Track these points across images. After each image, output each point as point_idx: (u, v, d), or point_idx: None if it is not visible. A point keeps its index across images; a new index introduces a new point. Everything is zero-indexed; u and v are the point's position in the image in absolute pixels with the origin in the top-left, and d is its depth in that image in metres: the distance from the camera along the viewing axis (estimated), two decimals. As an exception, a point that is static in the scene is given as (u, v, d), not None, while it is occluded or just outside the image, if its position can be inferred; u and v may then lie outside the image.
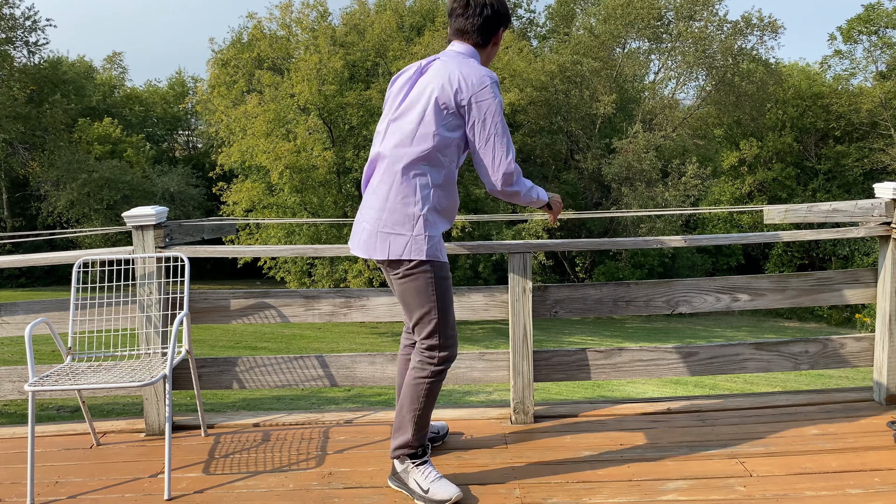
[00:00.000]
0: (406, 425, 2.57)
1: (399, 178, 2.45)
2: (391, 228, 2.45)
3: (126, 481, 2.74)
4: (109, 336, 3.25)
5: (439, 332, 2.52)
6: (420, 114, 2.43)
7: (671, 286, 3.32)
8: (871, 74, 28.33)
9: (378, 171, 2.53)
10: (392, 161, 2.47)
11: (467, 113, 2.42)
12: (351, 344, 16.22)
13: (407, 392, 2.57)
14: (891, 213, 3.24)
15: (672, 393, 10.04)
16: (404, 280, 2.50)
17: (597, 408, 3.40)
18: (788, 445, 2.91)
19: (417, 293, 2.50)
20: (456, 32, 2.55)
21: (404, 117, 2.48)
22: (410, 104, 2.48)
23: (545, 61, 24.76)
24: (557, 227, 22.41)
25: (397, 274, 2.51)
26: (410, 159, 2.43)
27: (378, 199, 2.49)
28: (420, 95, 2.46)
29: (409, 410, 2.56)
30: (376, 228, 2.47)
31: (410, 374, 2.58)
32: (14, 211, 28.03)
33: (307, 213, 21.33)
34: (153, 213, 3.15)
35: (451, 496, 2.49)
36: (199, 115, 29.82)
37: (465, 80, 2.40)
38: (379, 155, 2.53)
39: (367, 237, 2.50)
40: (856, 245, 25.43)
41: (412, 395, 2.55)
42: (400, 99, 2.53)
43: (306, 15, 22.73)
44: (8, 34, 25.08)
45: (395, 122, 2.50)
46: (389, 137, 2.50)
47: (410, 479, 2.56)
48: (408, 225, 2.44)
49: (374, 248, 2.48)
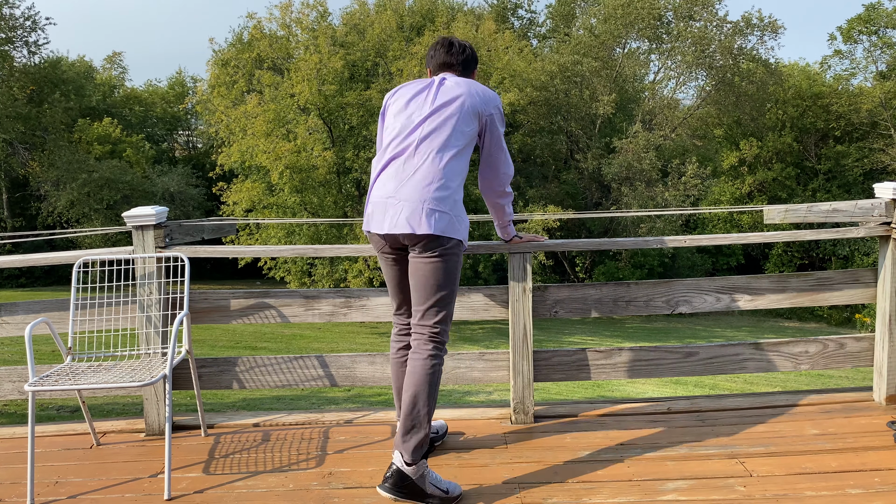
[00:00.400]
0: (422, 422, 2.50)
1: (441, 163, 2.61)
2: (436, 205, 2.56)
3: (126, 481, 2.74)
4: (109, 336, 3.25)
5: (449, 317, 2.65)
6: (455, 114, 2.66)
7: (671, 286, 3.32)
8: (871, 74, 28.34)
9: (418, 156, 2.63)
10: (434, 148, 2.62)
11: (489, 120, 2.73)
12: (351, 344, 16.22)
13: (420, 383, 2.53)
14: (891, 213, 3.24)
15: (672, 393, 10.05)
16: (438, 259, 2.59)
17: (597, 408, 3.40)
18: (788, 445, 2.91)
19: (446, 274, 2.61)
20: (441, 66, 2.86)
21: (440, 111, 2.67)
22: (444, 104, 2.68)
23: (545, 61, 24.76)
24: (557, 227, 22.40)
25: (433, 253, 2.58)
26: (451, 150, 2.63)
27: (422, 178, 2.59)
28: (451, 99, 2.68)
29: (426, 405, 2.52)
30: (421, 205, 2.55)
31: (423, 365, 2.56)
32: (14, 211, 28.03)
33: (307, 213, 21.33)
34: (153, 213, 3.15)
35: (461, 490, 2.57)
36: (199, 115, 29.83)
37: (485, 93, 2.75)
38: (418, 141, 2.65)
39: (409, 213, 2.56)
40: (856, 245, 25.43)
41: (428, 386, 2.53)
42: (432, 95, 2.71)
43: (306, 15, 22.74)
44: (8, 34, 25.07)
45: (434, 112, 2.67)
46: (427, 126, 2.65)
47: (427, 483, 2.49)
48: (450, 204, 2.59)
49: (420, 223, 2.54)
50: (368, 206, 2.69)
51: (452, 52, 2.84)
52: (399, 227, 2.56)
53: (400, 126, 2.70)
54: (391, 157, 2.67)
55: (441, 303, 2.61)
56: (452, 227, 2.59)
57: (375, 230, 2.65)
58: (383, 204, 2.62)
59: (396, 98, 2.77)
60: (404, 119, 2.71)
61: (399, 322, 2.86)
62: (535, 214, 19.60)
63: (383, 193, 2.63)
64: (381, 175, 2.68)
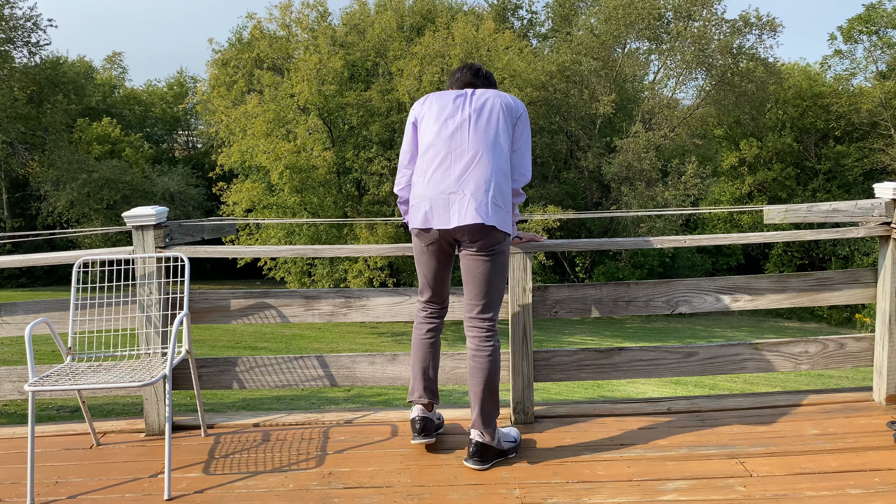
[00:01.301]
0: (496, 406, 2.80)
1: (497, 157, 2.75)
2: (497, 199, 2.72)
3: (126, 481, 2.74)
4: (109, 336, 3.25)
5: (500, 307, 2.87)
6: (497, 118, 2.80)
7: (671, 286, 3.32)
8: (871, 74, 28.32)
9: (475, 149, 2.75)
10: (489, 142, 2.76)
11: (518, 124, 2.87)
12: (351, 344, 16.22)
13: (494, 377, 2.78)
14: (891, 213, 3.24)
15: (672, 393, 10.04)
16: (495, 256, 2.77)
17: (597, 408, 3.40)
18: (788, 445, 2.91)
19: (502, 269, 2.81)
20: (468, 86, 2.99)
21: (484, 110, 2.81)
22: (484, 105, 2.83)
23: (545, 61, 24.75)
24: (557, 227, 22.40)
25: (492, 249, 2.75)
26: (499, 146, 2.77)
27: (482, 171, 2.72)
28: (490, 101, 2.83)
29: (493, 390, 2.79)
30: (487, 197, 2.70)
31: (489, 361, 2.78)
32: (14, 211, 28.03)
33: (307, 213, 21.32)
34: (153, 213, 3.15)
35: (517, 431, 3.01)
36: (199, 116, 29.82)
37: (514, 100, 2.90)
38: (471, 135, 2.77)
39: (477, 205, 2.68)
40: (856, 245, 25.42)
41: (494, 373, 2.79)
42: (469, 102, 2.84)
43: (306, 15, 22.72)
44: (9, 34, 25.07)
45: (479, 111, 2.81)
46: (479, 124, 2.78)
47: (502, 444, 2.86)
48: (504, 200, 2.76)
49: (488, 215, 2.68)
50: (423, 202, 2.76)
51: (479, 76, 3.01)
52: (467, 219, 2.67)
53: (441, 128, 2.81)
54: (444, 153, 2.76)
55: (497, 297, 2.82)
56: (506, 222, 2.76)
57: (440, 226, 2.74)
58: (445, 199, 2.72)
59: (430, 104, 2.88)
60: (447, 121, 2.81)
61: (430, 308, 3.00)
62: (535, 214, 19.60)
63: (443, 189, 2.73)
64: (433, 171, 2.76)
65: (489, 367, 2.78)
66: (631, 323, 22.53)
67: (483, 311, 2.79)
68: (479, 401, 2.78)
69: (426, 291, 2.97)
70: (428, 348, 2.97)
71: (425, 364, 2.96)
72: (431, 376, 2.96)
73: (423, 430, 2.93)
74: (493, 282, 2.78)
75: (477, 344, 2.80)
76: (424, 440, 2.92)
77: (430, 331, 2.98)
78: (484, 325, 2.80)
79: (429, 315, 3.00)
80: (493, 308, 2.81)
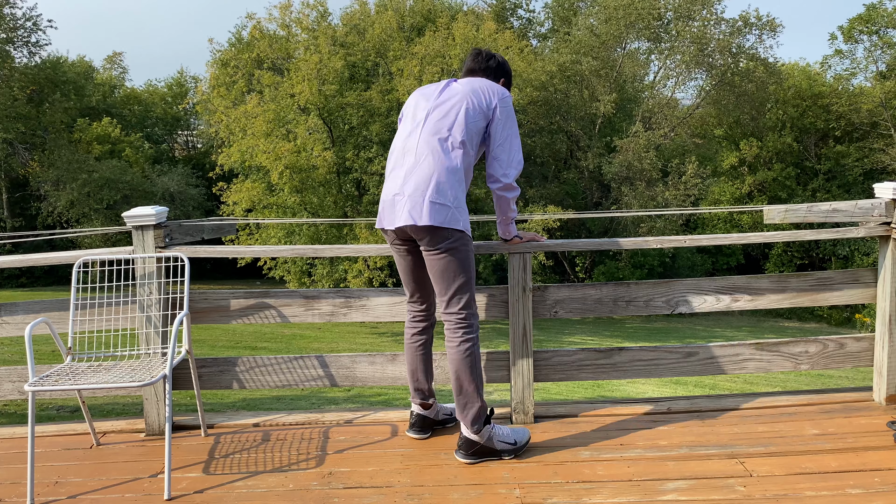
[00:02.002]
0: (472, 397, 2.81)
1: (443, 156, 2.77)
2: (436, 198, 2.72)
3: (126, 481, 2.74)
4: (109, 336, 3.25)
5: (473, 300, 2.85)
6: (456, 114, 2.81)
7: (671, 286, 3.32)
8: (871, 74, 28.31)
9: (420, 150, 2.80)
10: (435, 143, 2.79)
11: (493, 113, 2.84)
12: (351, 344, 16.22)
13: (461, 366, 2.81)
14: (891, 213, 3.24)
15: (672, 393, 10.04)
16: (446, 252, 2.77)
17: (597, 408, 3.40)
18: (788, 445, 2.91)
19: (459, 263, 2.80)
20: (467, 73, 3.05)
21: (442, 108, 2.84)
22: (447, 99, 2.85)
23: (545, 61, 24.75)
24: (557, 227, 22.40)
25: (438, 247, 2.76)
26: (454, 142, 2.78)
27: (423, 172, 2.76)
28: (454, 94, 2.86)
29: (471, 383, 2.81)
30: (423, 198, 2.73)
31: (458, 351, 2.81)
32: (14, 211, 28.02)
33: (307, 213, 21.32)
34: (153, 213, 3.15)
35: (530, 435, 2.96)
36: (199, 116, 29.82)
37: (491, 88, 2.88)
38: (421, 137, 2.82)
39: (411, 207, 2.74)
40: (856, 245, 25.42)
41: (469, 365, 2.81)
42: (437, 95, 2.89)
43: (306, 15, 22.71)
44: (9, 34, 25.07)
45: (436, 110, 2.84)
46: (429, 125, 2.82)
47: (496, 442, 2.84)
48: (450, 196, 2.74)
49: (421, 215, 2.72)
50: (381, 203, 2.87)
51: (479, 59, 3.01)
52: (403, 220, 2.74)
53: (408, 125, 2.89)
54: (399, 155, 2.85)
55: (460, 290, 2.81)
56: (453, 219, 2.73)
57: (387, 226, 2.83)
58: (391, 201, 2.81)
59: (410, 99, 2.98)
60: (412, 118, 2.90)
61: (412, 309, 3.06)
62: (535, 214, 19.59)
63: (391, 190, 2.82)
64: (390, 174, 2.86)
65: (456, 359, 2.81)
66: (631, 323, 22.53)
67: (448, 306, 2.83)
68: (454, 394, 2.85)
69: (406, 290, 3.07)
70: (414, 352, 3.05)
71: (413, 367, 3.07)
72: (420, 378, 3.05)
73: (414, 426, 3.10)
74: (451, 278, 2.80)
75: (447, 336, 2.86)
76: (415, 435, 3.08)
77: (415, 335, 3.05)
78: (452, 319, 2.84)
79: (413, 318, 3.07)
80: (458, 303, 2.82)
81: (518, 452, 2.88)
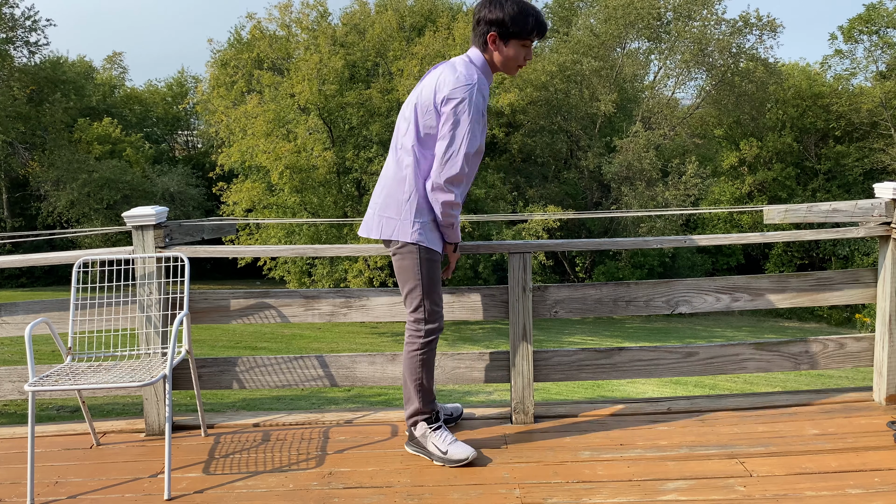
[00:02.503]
0: (412, 396, 2.88)
1: (395, 167, 2.80)
2: (384, 211, 2.81)
3: (126, 481, 2.74)
4: (109, 336, 3.25)
5: (424, 307, 2.84)
6: (411, 111, 2.76)
7: (671, 286, 3.31)
8: (871, 74, 28.32)
9: (388, 160, 2.88)
10: (392, 154, 2.84)
11: (445, 107, 2.65)
12: (351, 344, 16.22)
13: (406, 366, 2.89)
14: (891, 213, 3.24)
15: (672, 393, 10.04)
16: (395, 258, 2.86)
17: (597, 408, 3.40)
18: (788, 445, 2.91)
19: (405, 271, 2.83)
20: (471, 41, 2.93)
21: (404, 112, 2.82)
22: (408, 102, 2.82)
23: (545, 61, 24.75)
24: (557, 227, 22.39)
25: (393, 255, 2.86)
26: (404, 150, 2.77)
27: (380, 185, 2.87)
28: (412, 96, 2.81)
29: (411, 382, 2.88)
30: (375, 211, 2.84)
31: (406, 350, 2.90)
32: (14, 211, 28.02)
33: (307, 213, 21.32)
34: (153, 213, 3.15)
35: (467, 456, 2.79)
36: (199, 116, 29.82)
37: (445, 80, 2.67)
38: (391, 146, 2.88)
39: (368, 219, 2.87)
40: (856, 245, 25.42)
41: (410, 367, 2.87)
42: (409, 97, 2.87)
43: (306, 15, 22.72)
44: (8, 34, 25.07)
45: (400, 115, 2.86)
46: (397, 130, 2.85)
47: (429, 443, 2.86)
48: (395, 209, 2.78)
49: (371, 228, 2.85)
50: None
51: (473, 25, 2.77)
52: (364, 232, 2.89)
53: None
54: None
55: (410, 295, 2.85)
56: (399, 230, 2.77)
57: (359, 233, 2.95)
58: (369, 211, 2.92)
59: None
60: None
61: None
62: (536, 214, 19.59)
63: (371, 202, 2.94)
64: None
65: (403, 359, 2.91)
66: (631, 323, 22.53)
67: (406, 307, 2.89)
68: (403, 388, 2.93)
69: None
70: None
71: None
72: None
73: None
74: (402, 282, 2.87)
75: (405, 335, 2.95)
76: None
77: None
78: (410, 319, 2.89)
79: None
80: (409, 306, 2.86)
81: (448, 464, 2.79)
